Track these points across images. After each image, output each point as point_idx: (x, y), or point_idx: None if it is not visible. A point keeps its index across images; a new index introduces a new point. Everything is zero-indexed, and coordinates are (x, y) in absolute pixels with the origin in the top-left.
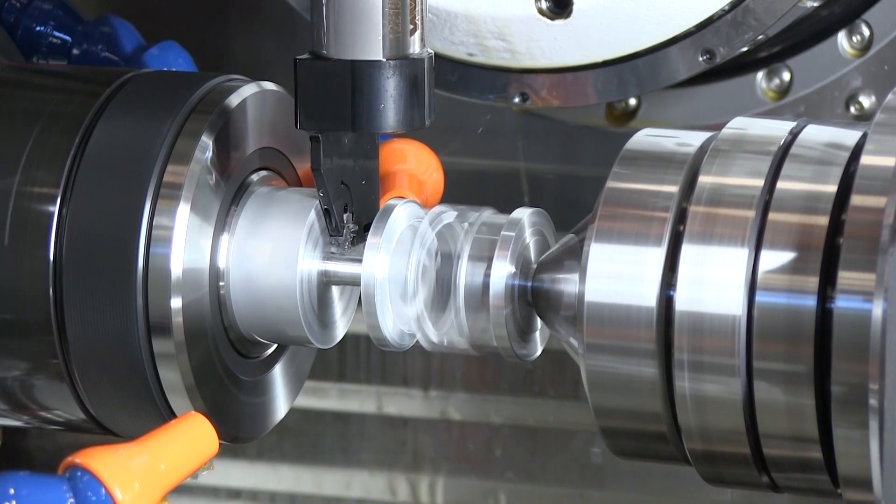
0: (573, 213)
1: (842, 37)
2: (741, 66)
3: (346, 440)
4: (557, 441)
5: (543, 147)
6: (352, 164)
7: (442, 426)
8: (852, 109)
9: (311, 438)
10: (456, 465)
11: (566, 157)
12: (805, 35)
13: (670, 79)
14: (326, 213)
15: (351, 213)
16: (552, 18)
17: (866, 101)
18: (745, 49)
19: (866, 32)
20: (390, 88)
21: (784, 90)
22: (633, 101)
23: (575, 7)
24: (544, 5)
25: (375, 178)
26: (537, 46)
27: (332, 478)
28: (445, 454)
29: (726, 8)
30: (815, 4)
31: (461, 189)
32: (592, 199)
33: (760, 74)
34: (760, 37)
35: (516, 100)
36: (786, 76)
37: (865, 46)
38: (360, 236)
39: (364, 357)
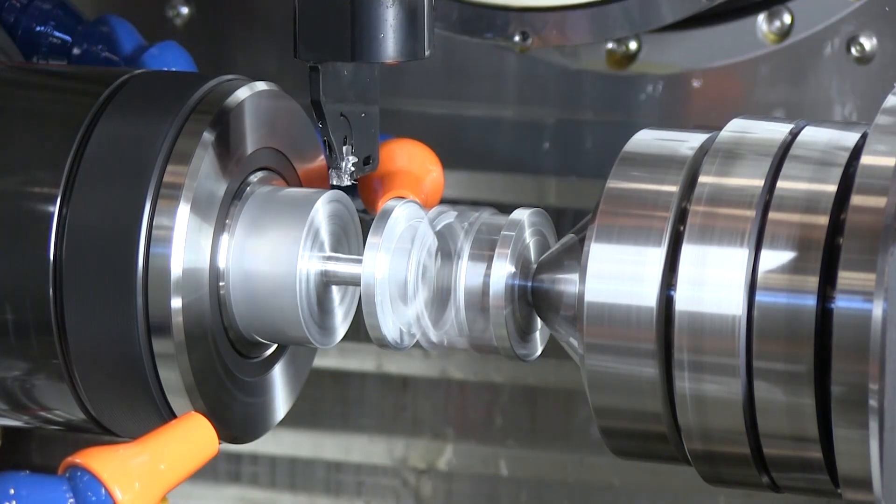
0: (573, 157)
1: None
2: (742, 8)
3: (346, 405)
4: (558, 404)
5: (544, 91)
6: (352, 96)
7: (442, 386)
8: (853, 51)
9: (310, 402)
10: (456, 431)
11: (567, 102)
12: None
13: (671, 17)
14: (326, 146)
15: (350, 146)
16: None
17: (867, 43)
18: None
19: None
20: (390, 18)
21: (785, 33)
22: (633, 45)
23: None
24: None
25: (375, 111)
26: None
27: (332, 443)
28: (446, 419)
29: None
30: None
31: (456, 136)
32: (593, 143)
33: (761, 17)
34: None
35: (516, 38)
36: (787, 18)
37: None
38: (360, 169)
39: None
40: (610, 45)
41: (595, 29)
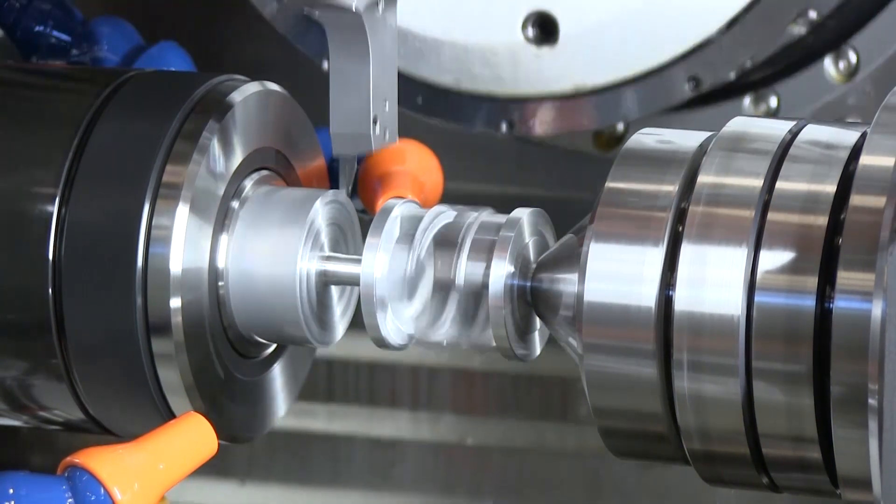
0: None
1: (828, 62)
2: (728, 91)
3: (336, 463)
4: (546, 464)
5: (532, 172)
6: None
7: (429, 449)
8: None
9: (299, 459)
10: (444, 490)
11: (555, 183)
12: (792, 60)
13: (658, 105)
14: None
15: None
16: (539, 45)
17: None
18: (732, 76)
19: (853, 58)
20: None
21: (771, 115)
22: (620, 127)
23: (561, 34)
24: (531, 33)
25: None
26: (524, 73)
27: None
28: (433, 479)
29: (714, 36)
30: (803, 31)
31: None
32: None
33: (748, 100)
34: (748, 63)
35: (504, 127)
36: (773, 101)
37: (852, 72)
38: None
39: (353, 377)
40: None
41: (583, 117)
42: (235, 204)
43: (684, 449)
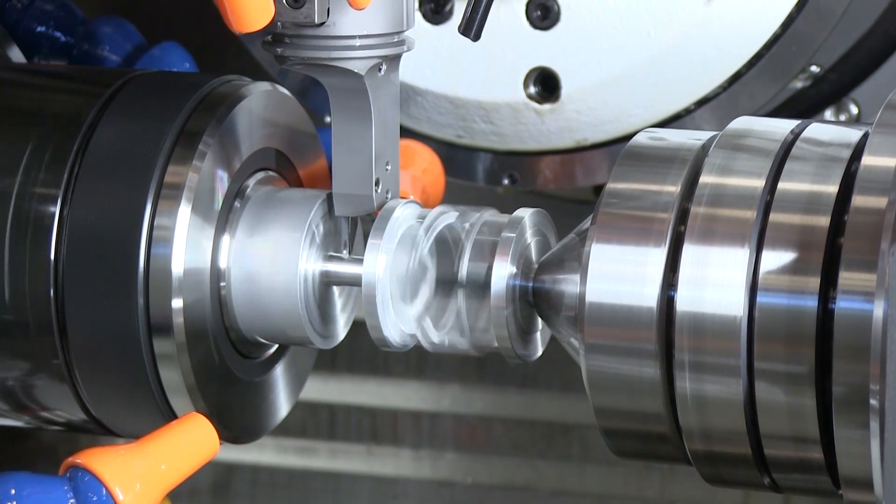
0: None
1: (829, 115)
2: None
3: (337, 499)
4: (548, 502)
5: None
6: None
7: (430, 487)
8: None
9: (301, 497)
10: None
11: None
12: (792, 114)
13: None
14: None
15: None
16: (540, 103)
17: None
18: None
19: (854, 110)
20: None
21: None
22: None
23: (563, 92)
24: (533, 90)
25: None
26: (525, 130)
27: None
28: None
29: (714, 93)
30: (804, 85)
31: None
32: None
33: None
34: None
35: (505, 181)
36: None
37: None
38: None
39: (354, 414)
40: None
41: (584, 173)
42: (237, 204)
43: (686, 449)
